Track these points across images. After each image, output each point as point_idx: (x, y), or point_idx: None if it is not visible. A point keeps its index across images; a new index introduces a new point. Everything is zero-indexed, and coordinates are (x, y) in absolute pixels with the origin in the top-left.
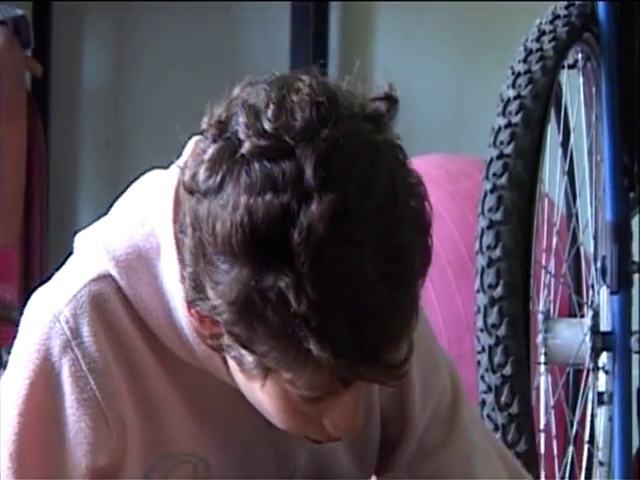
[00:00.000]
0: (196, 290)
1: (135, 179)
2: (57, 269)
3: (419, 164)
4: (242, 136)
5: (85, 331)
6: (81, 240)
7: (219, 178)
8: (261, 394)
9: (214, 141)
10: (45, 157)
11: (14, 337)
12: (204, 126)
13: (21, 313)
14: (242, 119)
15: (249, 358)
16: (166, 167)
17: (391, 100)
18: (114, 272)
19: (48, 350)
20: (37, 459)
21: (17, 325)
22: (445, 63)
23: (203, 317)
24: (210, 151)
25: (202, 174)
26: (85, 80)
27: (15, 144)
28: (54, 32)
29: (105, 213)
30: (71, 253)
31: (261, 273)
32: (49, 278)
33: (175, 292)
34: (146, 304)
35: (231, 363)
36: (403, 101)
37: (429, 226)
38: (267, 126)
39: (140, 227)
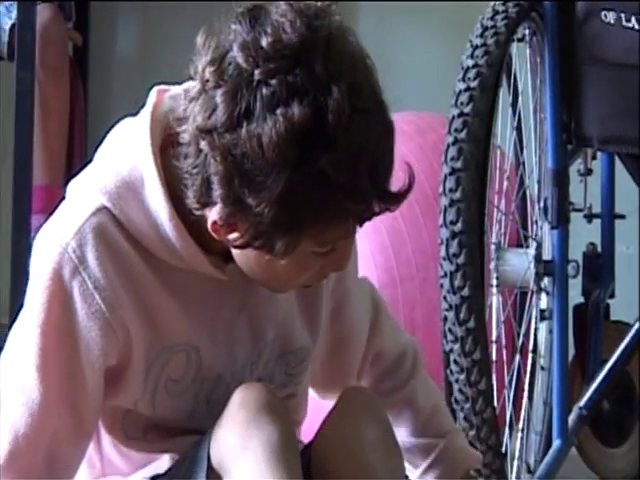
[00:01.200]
0: (228, 206)
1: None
2: None
3: (397, 118)
4: (248, 66)
5: (90, 257)
6: (74, 185)
7: (244, 106)
8: (280, 268)
9: (218, 83)
10: (84, 111)
11: None
12: (192, 73)
13: None
14: (241, 54)
15: (279, 242)
16: None
17: None
18: (108, 204)
19: (60, 277)
20: (58, 367)
21: None
22: (417, 35)
23: (219, 229)
24: (221, 91)
25: (222, 111)
26: (118, 48)
27: (59, 101)
28: (92, 8)
29: None
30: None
31: (304, 164)
32: None
33: (160, 211)
34: (138, 226)
35: (245, 253)
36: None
37: None
38: (268, 49)
39: (124, 164)
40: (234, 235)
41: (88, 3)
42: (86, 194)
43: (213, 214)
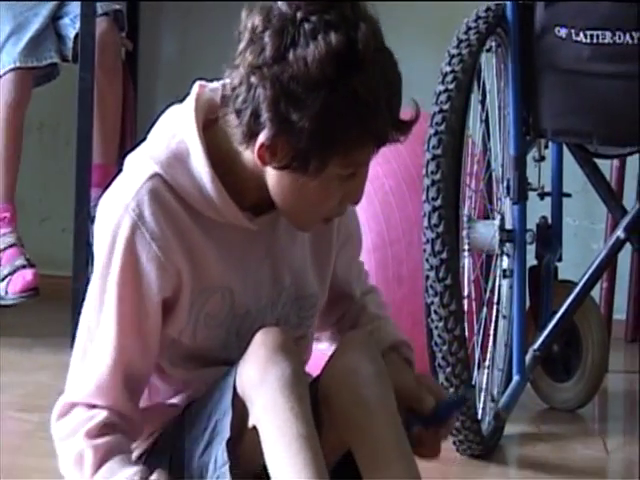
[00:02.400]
0: (275, 126)
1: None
2: None
3: None
4: (290, 10)
5: (146, 214)
6: (130, 159)
7: (289, 39)
8: (309, 192)
9: (266, 27)
10: (134, 103)
11: None
12: (241, 29)
13: None
14: (283, 3)
15: (313, 160)
16: None
17: None
18: (160, 172)
19: (123, 232)
20: (130, 305)
21: None
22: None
23: (264, 153)
24: (269, 32)
25: (271, 46)
26: (162, 52)
27: (113, 95)
28: (141, 20)
29: None
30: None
31: (339, 82)
32: None
33: (203, 175)
34: (185, 188)
35: (285, 179)
36: None
37: None
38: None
39: (172, 139)
40: (277, 157)
41: (137, 16)
42: (141, 164)
43: (260, 138)
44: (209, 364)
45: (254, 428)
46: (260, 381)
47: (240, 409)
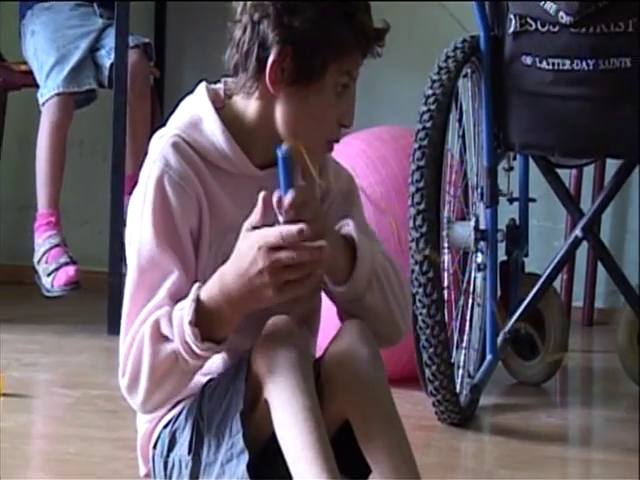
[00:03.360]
0: (281, 38)
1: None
2: None
3: (378, 130)
4: None
5: (172, 162)
6: (158, 133)
7: None
8: (312, 109)
9: None
10: (161, 122)
11: None
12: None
13: None
14: None
15: (316, 63)
16: None
17: None
18: (180, 133)
19: (153, 176)
20: (170, 236)
21: None
22: (394, 73)
23: (275, 74)
24: None
25: None
26: (185, 80)
27: (143, 116)
28: (167, 51)
29: None
30: None
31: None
32: None
33: (216, 131)
34: (201, 143)
35: (291, 106)
36: (370, 95)
37: None
38: None
39: (187, 112)
40: (286, 71)
41: (164, 48)
42: (166, 132)
43: (271, 59)
44: None
45: (265, 401)
46: (272, 363)
47: (254, 385)
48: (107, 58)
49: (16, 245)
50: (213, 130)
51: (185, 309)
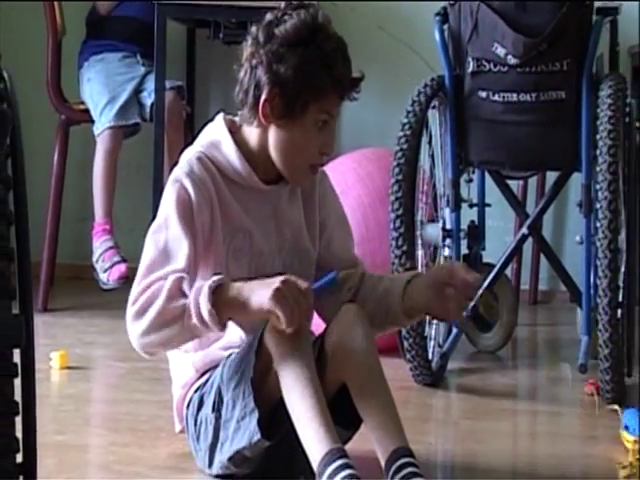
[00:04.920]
0: (270, 81)
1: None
2: None
3: (365, 151)
4: (272, 15)
5: (195, 170)
6: (187, 151)
7: (275, 24)
8: (297, 140)
9: (257, 27)
10: None
11: None
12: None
13: None
14: (269, 15)
15: (299, 102)
16: None
17: None
18: (206, 152)
19: (178, 179)
20: (185, 220)
21: None
22: (376, 105)
23: (266, 109)
24: (261, 28)
25: (262, 34)
26: (211, 115)
27: (178, 145)
28: (196, 92)
29: None
30: None
31: (310, 42)
32: None
33: (230, 151)
34: (219, 160)
35: (280, 135)
36: (357, 123)
37: None
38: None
39: (209, 136)
40: (275, 108)
41: (194, 89)
42: (193, 149)
43: (263, 98)
44: None
45: (275, 372)
46: (279, 339)
47: (266, 359)
48: (148, 98)
49: (78, 248)
50: (229, 151)
51: (209, 282)
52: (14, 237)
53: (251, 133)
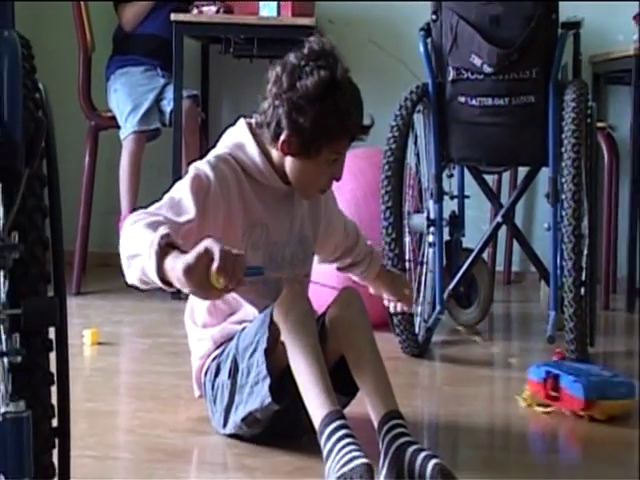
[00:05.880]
0: (290, 128)
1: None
2: None
3: (358, 150)
4: (295, 61)
5: (219, 165)
6: (213, 151)
7: (297, 75)
8: (310, 171)
9: (282, 71)
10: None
11: None
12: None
13: None
14: (293, 59)
15: (313, 147)
16: None
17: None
18: (232, 152)
19: (203, 170)
20: (198, 196)
21: None
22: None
23: (285, 146)
24: (285, 73)
25: (286, 81)
26: (223, 121)
27: (194, 147)
28: (210, 100)
29: None
30: None
31: (327, 97)
32: None
33: (254, 152)
34: (243, 160)
35: (296, 163)
36: None
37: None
38: (307, 54)
39: (233, 139)
40: (292, 147)
41: (208, 97)
42: (218, 150)
43: (282, 137)
44: (254, 282)
45: (282, 343)
46: (286, 316)
47: (275, 331)
48: (168, 106)
49: (106, 238)
50: (253, 152)
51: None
52: (49, 228)
53: (272, 147)
